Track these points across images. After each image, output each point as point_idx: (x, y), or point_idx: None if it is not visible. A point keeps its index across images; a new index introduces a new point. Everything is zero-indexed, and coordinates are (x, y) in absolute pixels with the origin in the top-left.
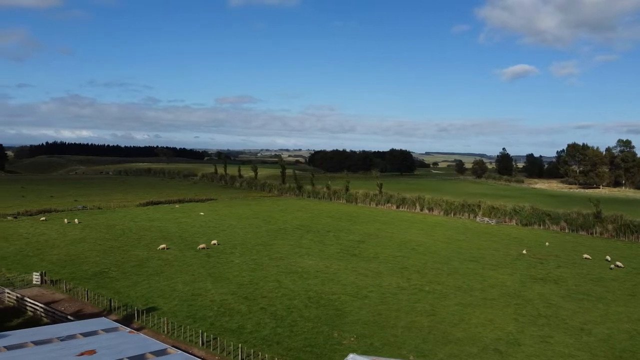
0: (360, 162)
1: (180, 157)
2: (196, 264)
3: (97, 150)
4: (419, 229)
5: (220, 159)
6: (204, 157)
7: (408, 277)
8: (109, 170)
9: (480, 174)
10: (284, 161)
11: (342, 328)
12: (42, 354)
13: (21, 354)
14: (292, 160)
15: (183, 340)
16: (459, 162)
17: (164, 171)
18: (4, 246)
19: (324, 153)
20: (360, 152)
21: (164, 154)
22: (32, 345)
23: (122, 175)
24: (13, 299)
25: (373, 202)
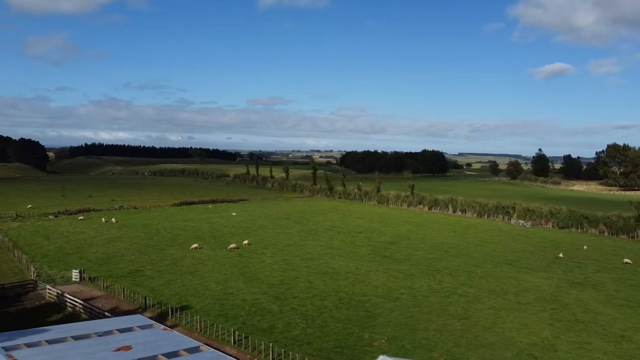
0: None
1: (213, 158)
2: (228, 264)
3: (133, 152)
4: (451, 230)
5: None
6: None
7: (440, 279)
8: (145, 171)
9: (515, 175)
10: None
11: (373, 330)
12: (81, 349)
13: (61, 348)
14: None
15: (215, 338)
16: (493, 163)
17: (198, 172)
18: (45, 244)
19: (355, 154)
20: (392, 153)
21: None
22: (71, 340)
23: (157, 175)
24: (54, 295)
25: (405, 204)
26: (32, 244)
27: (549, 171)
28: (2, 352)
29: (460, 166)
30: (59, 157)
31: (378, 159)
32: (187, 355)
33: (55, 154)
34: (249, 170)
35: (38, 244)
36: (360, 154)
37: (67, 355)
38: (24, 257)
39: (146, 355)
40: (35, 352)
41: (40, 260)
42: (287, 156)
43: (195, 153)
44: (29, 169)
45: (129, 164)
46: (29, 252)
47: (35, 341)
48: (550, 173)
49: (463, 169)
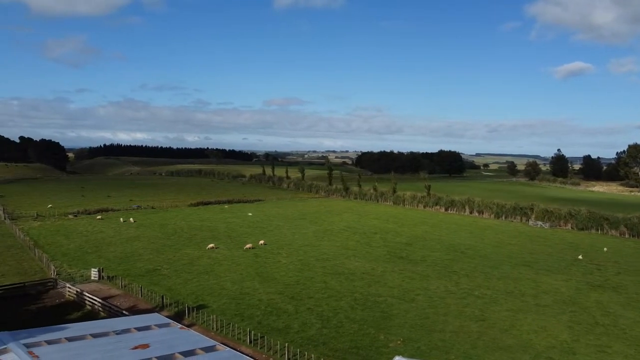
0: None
1: (229, 158)
2: (244, 264)
3: (150, 152)
4: (468, 232)
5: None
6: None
7: (457, 280)
8: (162, 171)
9: (533, 176)
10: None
11: (389, 331)
12: (100, 346)
13: (81, 345)
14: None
15: (231, 337)
16: (510, 163)
17: (214, 172)
18: (65, 243)
19: (371, 154)
20: (408, 154)
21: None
22: (90, 338)
23: (174, 176)
24: (73, 293)
25: (421, 204)
26: (53, 243)
27: (568, 172)
28: (24, 348)
29: (477, 167)
30: (78, 157)
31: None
32: (203, 354)
33: (75, 155)
34: (265, 171)
35: (58, 243)
36: (376, 155)
37: (86, 353)
38: (44, 256)
39: (163, 354)
40: (56, 349)
41: (60, 259)
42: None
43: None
44: (50, 169)
45: (147, 164)
46: (49, 251)
47: (56, 338)
48: (569, 174)
49: (480, 169)
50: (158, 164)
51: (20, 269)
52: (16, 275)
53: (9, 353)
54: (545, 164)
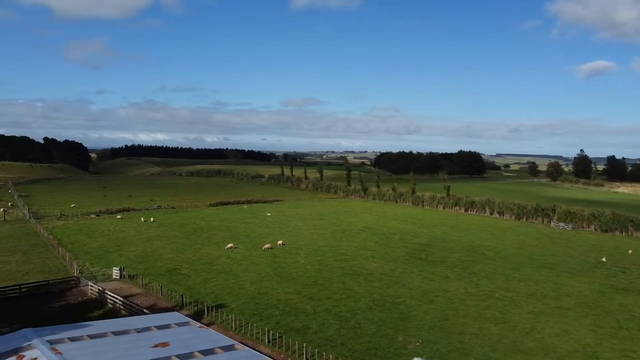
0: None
1: (248, 159)
2: (263, 264)
3: (170, 153)
4: (488, 233)
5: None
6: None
7: (477, 282)
8: (182, 172)
9: (555, 176)
10: (349, 163)
11: (407, 332)
12: (121, 344)
13: (102, 342)
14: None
15: (250, 337)
16: (532, 164)
17: (233, 172)
18: (87, 242)
19: (389, 155)
20: (427, 154)
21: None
22: (111, 335)
23: (194, 176)
24: (95, 291)
25: (440, 205)
26: (75, 242)
27: (591, 172)
28: (47, 345)
29: (497, 167)
30: (100, 158)
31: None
32: (222, 353)
33: (97, 155)
34: (284, 171)
35: (81, 242)
36: (394, 155)
37: (107, 350)
38: (67, 254)
39: (183, 352)
40: (78, 346)
41: (82, 257)
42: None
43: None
44: (73, 169)
45: (167, 164)
46: (72, 249)
47: (78, 335)
48: (592, 174)
49: (501, 170)
50: (178, 164)
51: (45, 267)
52: (40, 273)
53: (33, 349)
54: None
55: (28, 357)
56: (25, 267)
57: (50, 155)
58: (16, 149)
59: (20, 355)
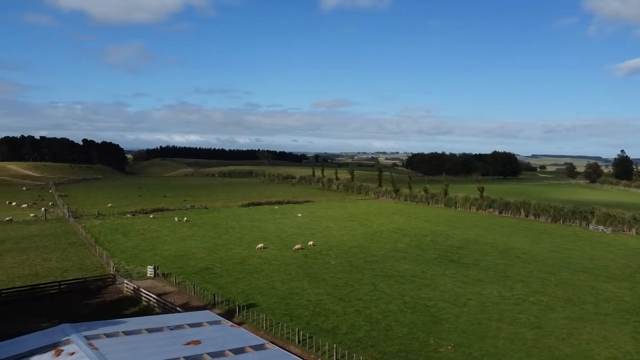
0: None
1: (279, 160)
2: (293, 264)
3: (204, 154)
4: (523, 235)
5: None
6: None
7: (511, 286)
8: (215, 173)
9: (594, 178)
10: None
11: (439, 335)
12: (154, 341)
13: (136, 339)
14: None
15: (280, 337)
16: (569, 165)
17: (265, 173)
18: (123, 241)
19: (421, 156)
20: (460, 155)
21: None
22: (145, 332)
23: (226, 177)
24: (130, 289)
25: (473, 207)
26: (112, 241)
27: (632, 174)
28: (85, 340)
29: (533, 168)
30: (136, 159)
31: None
32: (253, 352)
33: (133, 156)
34: (315, 172)
35: (117, 240)
36: (427, 156)
37: (141, 347)
38: (104, 252)
39: (214, 350)
40: (113, 342)
41: (118, 256)
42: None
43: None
44: (110, 170)
45: (200, 165)
46: (108, 248)
47: (114, 332)
48: (634, 176)
49: (536, 171)
50: (211, 165)
51: (82, 264)
52: (78, 270)
53: (71, 344)
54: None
55: (66, 352)
56: (65, 264)
57: (89, 156)
58: (57, 150)
59: (58, 349)
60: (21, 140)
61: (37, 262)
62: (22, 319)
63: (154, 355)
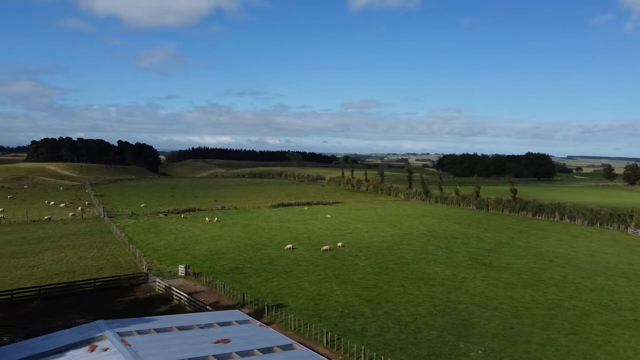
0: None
1: (309, 161)
2: (322, 265)
3: (234, 155)
4: (557, 239)
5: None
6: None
7: (544, 290)
8: (245, 174)
9: (633, 180)
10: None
11: (469, 339)
12: (184, 339)
13: (167, 336)
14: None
15: (308, 337)
16: (607, 167)
17: (294, 174)
18: (155, 240)
19: (453, 157)
20: (493, 156)
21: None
22: (176, 330)
23: (257, 178)
24: (162, 287)
25: (506, 209)
26: (145, 240)
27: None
28: (118, 337)
29: (569, 170)
30: (169, 159)
31: (477, 162)
32: (281, 352)
33: (166, 157)
34: (344, 173)
35: (149, 240)
36: (458, 157)
37: (172, 344)
38: (137, 251)
39: (243, 349)
40: (145, 339)
41: (151, 255)
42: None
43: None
44: (143, 170)
45: (231, 166)
46: (141, 247)
47: (145, 329)
48: None
49: (572, 173)
50: (242, 166)
51: (117, 263)
52: (113, 269)
53: (105, 340)
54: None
55: (100, 347)
56: (100, 262)
57: (124, 157)
58: (93, 151)
59: (93, 345)
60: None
61: (73, 260)
62: (59, 314)
63: (184, 353)
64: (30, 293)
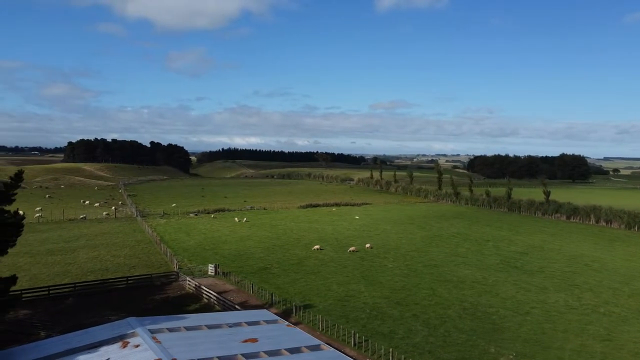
0: (524, 168)
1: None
2: (350, 266)
3: (263, 156)
4: (593, 242)
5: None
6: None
7: (579, 295)
8: (274, 174)
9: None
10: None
11: (500, 344)
12: (213, 337)
13: (196, 335)
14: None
15: (336, 338)
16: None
17: (323, 175)
18: (186, 240)
19: (484, 158)
20: (525, 158)
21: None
22: (205, 329)
23: (285, 178)
24: (192, 286)
25: (539, 212)
26: (176, 239)
27: None
28: (149, 334)
29: (605, 172)
30: (199, 160)
31: (509, 163)
32: (308, 352)
33: (196, 158)
34: (373, 175)
35: (180, 239)
36: (489, 159)
37: (201, 342)
38: (168, 250)
39: (271, 349)
40: (175, 336)
41: (181, 254)
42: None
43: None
44: (175, 171)
45: (260, 167)
46: (172, 246)
47: (176, 327)
48: None
49: (609, 175)
50: (270, 167)
51: (148, 261)
52: (144, 267)
53: (136, 337)
54: None
55: (132, 344)
56: (132, 260)
57: (155, 158)
58: (126, 152)
59: (125, 341)
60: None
61: (107, 258)
62: (93, 311)
63: (212, 351)
64: (66, 289)
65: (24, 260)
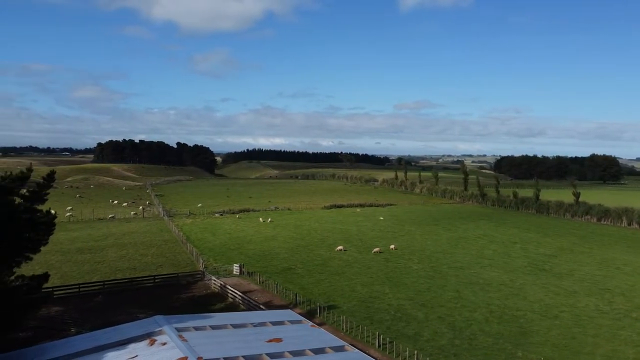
0: (552, 168)
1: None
2: (375, 267)
3: (288, 156)
4: (625, 245)
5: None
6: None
7: (610, 299)
8: (298, 175)
9: None
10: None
11: (527, 348)
12: (238, 336)
13: (222, 334)
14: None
15: (360, 340)
16: None
17: (347, 176)
18: (211, 239)
19: (511, 159)
20: (554, 158)
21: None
22: (231, 328)
23: (309, 179)
24: (218, 286)
25: (568, 213)
26: (201, 239)
27: None
28: (175, 332)
29: (638, 173)
30: (225, 161)
31: (537, 164)
32: (332, 353)
33: (222, 159)
34: (397, 175)
35: (206, 239)
36: (517, 159)
37: (226, 341)
38: (194, 250)
39: (295, 349)
40: (201, 335)
41: (207, 253)
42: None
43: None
44: (201, 171)
45: (284, 168)
46: (198, 245)
47: (202, 325)
48: None
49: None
50: (295, 167)
51: (175, 260)
52: (171, 266)
53: (163, 335)
54: None
55: (159, 342)
56: (159, 259)
57: (182, 159)
58: (154, 152)
59: (152, 339)
60: (123, 144)
61: (135, 257)
62: (121, 308)
63: (238, 350)
64: (95, 287)
65: (55, 259)
